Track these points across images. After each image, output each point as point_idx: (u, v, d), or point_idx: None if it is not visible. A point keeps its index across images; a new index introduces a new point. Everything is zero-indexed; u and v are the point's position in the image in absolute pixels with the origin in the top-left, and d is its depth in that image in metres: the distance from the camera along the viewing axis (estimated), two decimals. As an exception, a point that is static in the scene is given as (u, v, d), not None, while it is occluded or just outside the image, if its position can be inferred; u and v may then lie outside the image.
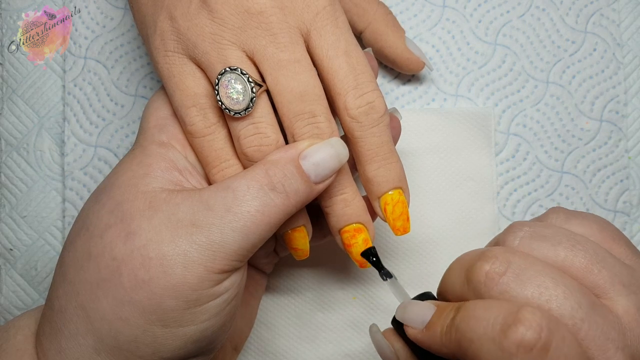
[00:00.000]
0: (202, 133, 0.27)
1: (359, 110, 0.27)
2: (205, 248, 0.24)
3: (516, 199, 0.36)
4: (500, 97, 0.37)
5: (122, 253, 0.25)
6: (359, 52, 0.27)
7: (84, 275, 0.25)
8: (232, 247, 0.25)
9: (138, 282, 0.24)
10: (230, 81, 0.26)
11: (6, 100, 0.38)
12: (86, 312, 0.25)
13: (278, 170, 0.26)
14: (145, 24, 0.28)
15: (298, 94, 0.26)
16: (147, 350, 0.25)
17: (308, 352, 0.36)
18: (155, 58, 0.28)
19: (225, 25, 0.26)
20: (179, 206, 0.25)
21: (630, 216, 0.36)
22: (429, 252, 0.36)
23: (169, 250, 0.24)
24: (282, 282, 0.36)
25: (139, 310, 0.24)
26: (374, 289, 0.36)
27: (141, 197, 0.26)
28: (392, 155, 0.28)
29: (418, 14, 0.37)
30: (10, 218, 0.37)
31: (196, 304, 0.25)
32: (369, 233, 0.28)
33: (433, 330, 0.22)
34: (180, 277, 0.24)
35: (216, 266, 0.25)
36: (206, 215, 0.25)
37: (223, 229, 0.25)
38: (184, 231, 0.25)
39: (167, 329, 0.25)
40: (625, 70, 0.37)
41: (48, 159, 0.38)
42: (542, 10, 0.37)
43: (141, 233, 0.25)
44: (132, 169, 0.27)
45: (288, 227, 0.28)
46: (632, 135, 0.37)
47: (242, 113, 0.26)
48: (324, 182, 0.26)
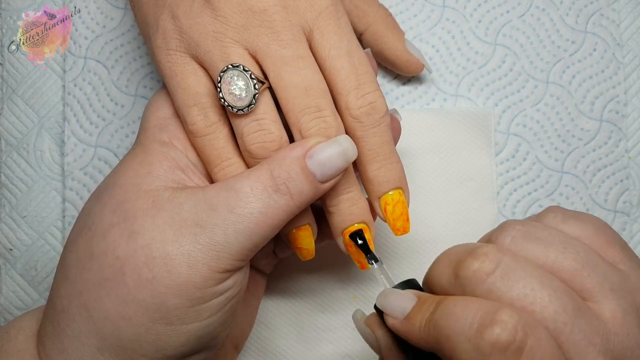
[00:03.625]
0: (203, 132, 0.27)
1: (360, 111, 0.27)
2: (209, 248, 0.25)
3: (516, 199, 0.36)
4: (500, 97, 0.37)
5: (125, 252, 0.25)
6: (360, 53, 0.27)
7: (86, 274, 0.25)
8: (235, 248, 0.25)
9: (142, 281, 0.24)
10: (232, 78, 0.26)
11: (6, 100, 0.38)
12: (89, 312, 0.25)
13: (282, 171, 0.25)
14: (146, 23, 0.28)
15: (303, 89, 0.26)
16: (150, 348, 0.25)
17: (308, 352, 0.36)
18: (157, 57, 0.28)
19: (228, 23, 0.26)
20: (182, 205, 0.25)
21: (630, 216, 0.36)
22: (429, 252, 0.36)
23: (173, 250, 0.24)
24: (282, 282, 0.36)
25: (142, 309, 0.24)
26: (374, 289, 0.36)
27: (144, 196, 0.26)
28: (392, 156, 0.28)
29: (418, 14, 0.37)
30: (10, 218, 0.37)
31: (200, 302, 0.25)
32: (371, 233, 0.28)
33: (412, 322, 0.22)
34: (185, 277, 0.24)
35: (220, 266, 0.25)
36: (210, 216, 0.25)
37: (226, 229, 0.25)
38: (188, 231, 0.25)
39: (170, 326, 0.25)
40: (625, 70, 0.37)
41: (48, 159, 0.38)
42: (542, 10, 0.37)
43: (144, 232, 0.25)
44: (134, 168, 0.27)
45: (292, 226, 0.28)
46: (632, 135, 0.37)
47: (245, 110, 0.26)
48: (330, 181, 0.26)
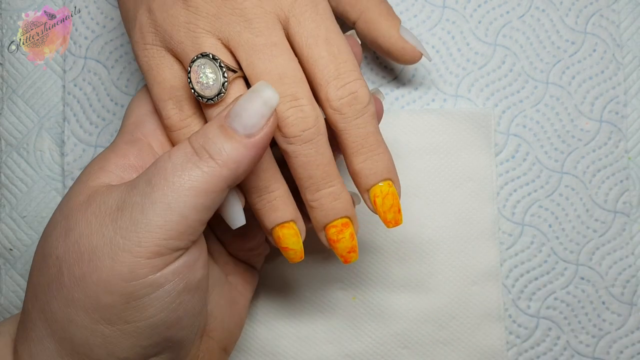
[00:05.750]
0: (178, 126, 0.27)
1: (341, 102, 0.25)
2: (128, 230, 0.22)
3: (516, 199, 0.36)
4: (500, 97, 0.37)
5: (62, 251, 0.23)
6: (340, 40, 0.26)
7: (39, 277, 0.24)
8: (157, 223, 0.22)
9: (75, 280, 0.23)
10: (200, 66, 0.25)
11: (6, 100, 0.38)
12: (45, 315, 0.24)
13: (199, 135, 0.24)
14: (127, 19, 0.28)
15: (277, 76, 0.25)
16: (101, 352, 0.23)
17: (308, 352, 0.36)
18: (135, 52, 0.27)
19: (199, 13, 0.25)
20: (110, 194, 0.24)
21: (630, 216, 0.36)
22: (429, 252, 0.36)
23: (97, 241, 0.23)
24: (282, 282, 0.36)
25: (81, 310, 0.23)
26: (374, 289, 0.36)
27: (84, 192, 0.24)
28: (379, 146, 0.26)
29: (418, 15, 0.37)
30: (10, 218, 0.37)
31: (134, 298, 0.23)
32: (355, 228, 0.28)
33: None
34: (109, 269, 0.22)
35: (143, 250, 0.22)
36: (130, 195, 0.23)
37: (144, 205, 0.23)
38: (110, 218, 0.23)
39: (113, 326, 0.23)
40: (625, 71, 0.37)
41: (48, 159, 0.38)
42: (542, 11, 0.37)
43: (75, 228, 0.23)
44: (90, 165, 0.26)
45: (274, 222, 0.27)
46: (631, 136, 0.37)
47: (215, 99, 0.25)
48: (260, 132, 0.24)
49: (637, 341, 0.36)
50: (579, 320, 0.36)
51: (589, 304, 0.36)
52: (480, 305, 0.36)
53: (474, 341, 0.35)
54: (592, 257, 0.36)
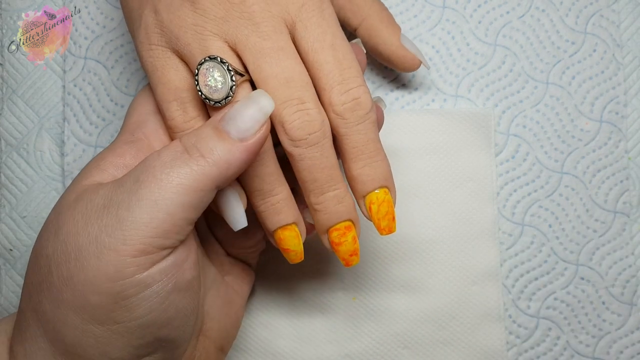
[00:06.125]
0: (181, 128, 0.27)
1: (344, 107, 0.26)
2: (114, 228, 0.22)
3: (516, 199, 0.36)
4: (500, 97, 0.37)
5: (51, 250, 0.23)
6: (345, 46, 0.26)
7: (32, 276, 0.24)
8: (143, 220, 0.22)
9: (63, 280, 0.23)
10: (208, 69, 0.25)
11: (6, 101, 0.38)
12: (37, 315, 0.24)
13: (191, 135, 0.24)
14: (132, 19, 0.28)
15: (283, 80, 0.25)
16: (94, 352, 0.23)
17: (308, 352, 0.36)
18: (139, 52, 0.27)
19: (206, 15, 0.25)
20: (98, 192, 0.24)
21: (630, 217, 0.36)
22: (429, 252, 0.36)
23: (83, 240, 0.23)
24: (282, 282, 0.36)
25: (71, 310, 0.23)
26: (374, 289, 0.36)
27: (76, 190, 0.24)
28: (378, 153, 0.27)
29: (418, 15, 0.37)
30: (10, 218, 0.37)
31: (122, 297, 0.23)
32: (357, 231, 0.28)
33: None
34: (95, 269, 0.22)
35: (129, 248, 0.22)
36: (117, 193, 0.23)
37: (130, 202, 0.22)
38: (96, 215, 0.23)
39: (103, 326, 0.23)
40: (625, 71, 0.37)
41: (48, 159, 0.38)
42: (542, 11, 0.37)
43: (64, 226, 0.23)
44: (87, 164, 0.26)
45: (276, 225, 0.27)
46: (632, 136, 0.37)
47: (222, 102, 0.25)
48: (253, 137, 0.24)
49: (637, 341, 0.36)
50: (579, 320, 0.36)
51: (589, 304, 0.36)
52: (480, 306, 0.36)
53: (474, 341, 0.35)
54: (592, 257, 0.36)
